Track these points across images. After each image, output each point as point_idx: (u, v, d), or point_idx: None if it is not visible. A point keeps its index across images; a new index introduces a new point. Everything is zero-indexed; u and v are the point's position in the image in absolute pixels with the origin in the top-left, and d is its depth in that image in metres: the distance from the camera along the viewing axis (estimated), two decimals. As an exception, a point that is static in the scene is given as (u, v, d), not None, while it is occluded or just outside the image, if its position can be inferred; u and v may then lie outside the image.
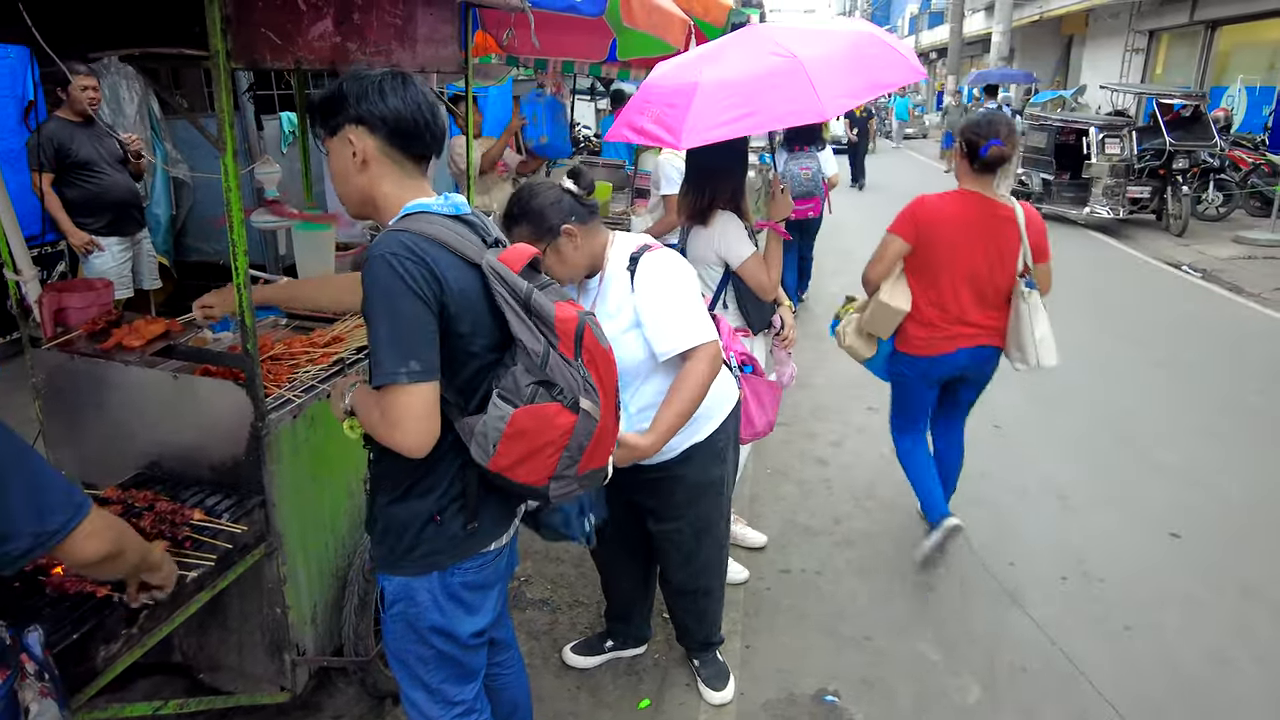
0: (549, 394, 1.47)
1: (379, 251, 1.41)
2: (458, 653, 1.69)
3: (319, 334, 2.57)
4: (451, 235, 1.47)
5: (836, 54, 2.45)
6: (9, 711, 1.21)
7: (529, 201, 2.03)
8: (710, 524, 2.37)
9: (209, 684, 2.32)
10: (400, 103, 1.48)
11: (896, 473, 4.16)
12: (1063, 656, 2.83)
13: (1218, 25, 14.90)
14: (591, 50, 5.17)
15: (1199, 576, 3.30)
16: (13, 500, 1.13)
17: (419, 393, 1.40)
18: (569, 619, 3.00)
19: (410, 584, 1.61)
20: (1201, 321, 7.04)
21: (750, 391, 2.54)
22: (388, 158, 1.51)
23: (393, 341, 1.38)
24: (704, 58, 2.61)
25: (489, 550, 1.66)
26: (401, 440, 1.42)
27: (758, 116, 2.35)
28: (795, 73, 2.35)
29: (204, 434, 2.12)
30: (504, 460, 1.47)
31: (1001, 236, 2.94)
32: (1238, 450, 4.42)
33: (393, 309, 1.38)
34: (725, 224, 2.74)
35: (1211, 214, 11.05)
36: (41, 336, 2.33)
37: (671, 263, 2.10)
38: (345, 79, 1.50)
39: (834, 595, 3.18)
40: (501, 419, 1.45)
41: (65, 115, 4.31)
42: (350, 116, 1.48)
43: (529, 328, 1.47)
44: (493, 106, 9.12)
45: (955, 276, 2.98)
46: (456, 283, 1.44)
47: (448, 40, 2.71)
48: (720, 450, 2.29)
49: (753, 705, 2.61)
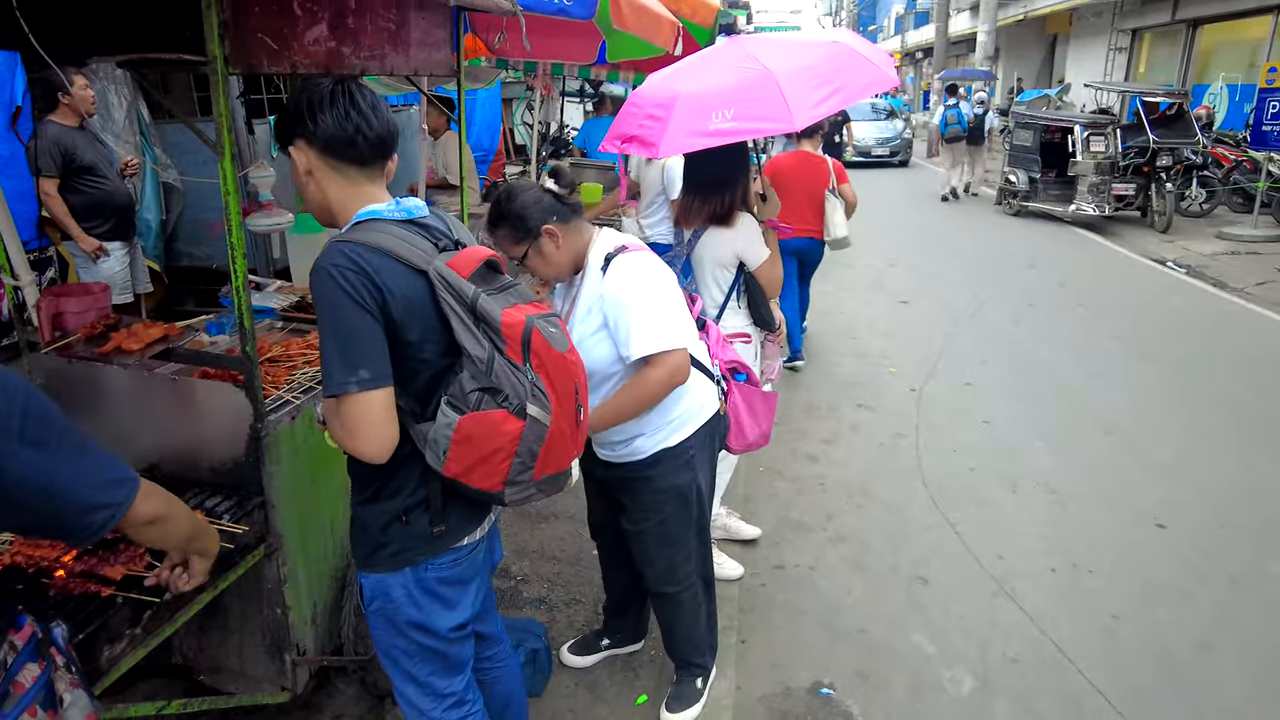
0: (494, 400, 1.47)
1: (322, 264, 1.42)
2: (440, 646, 1.70)
3: (316, 335, 2.58)
4: (396, 243, 1.46)
5: (808, 66, 2.55)
6: (49, 701, 1.26)
7: (509, 204, 2.04)
8: (674, 534, 2.30)
9: (209, 685, 2.33)
10: (329, 118, 1.49)
11: (889, 469, 4.23)
12: (1053, 647, 2.88)
13: (1199, 24, 15.08)
14: (581, 53, 5.20)
15: (1185, 567, 3.36)
16: (88, 479, 1.22)
17: (371, 400, 1.41)
18: (566, 617, 3.02)
19: (385, 580, 1.63)
20: (1186, 317, 7.13)
21: (742, 400, 2.50)
22: (329, 167, 1.53)
23: (340, 353, 1.40)
24: (683, 71, 2.72)
25: (462, 545, 1.67)
26: (361, 448, 1.45)
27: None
28: (767, 84, 2.46)
29: (203, 436, 2.14)
30: (456, 466, 1.49)
31: (818, 172, 5.10)
32: (1223, 443, 4.48)
33: (337, 320, 1.40)
34: (748, 226, 2.80)
35: (1195, 210, 11.19)
36: (39, 341, 2.34)
37: (645, 265, 2.08)
38: (296, 92, 1.53)
39: (828, 590, 3.22)
40: (449, 426, 1.46)
41: (63, 120, 4.28)
42: (294, 131, 1.52)
43: (472, 333, 1.47)
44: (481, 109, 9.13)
45: (796, 195, 4.81)
46: (400, 290, 1.44)
47: (440, 44, 2.74)
48: (689, 459, 2.23)
49: (749, 699, 2.64)
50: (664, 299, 2.07)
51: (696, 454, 2.25)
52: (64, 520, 1.21)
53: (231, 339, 2.54)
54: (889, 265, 8.96)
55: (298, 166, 1.54)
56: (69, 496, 1.19)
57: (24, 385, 1.19)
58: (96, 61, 2.21)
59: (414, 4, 2.53)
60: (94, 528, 1.23)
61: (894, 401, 5.15)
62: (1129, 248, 10.01)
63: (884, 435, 4.65)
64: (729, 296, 2.89)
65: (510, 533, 3.47)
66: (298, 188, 1.60)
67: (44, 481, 1.17)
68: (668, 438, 2.20)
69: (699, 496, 2.29)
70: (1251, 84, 12.58)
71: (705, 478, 2.32)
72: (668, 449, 2.20)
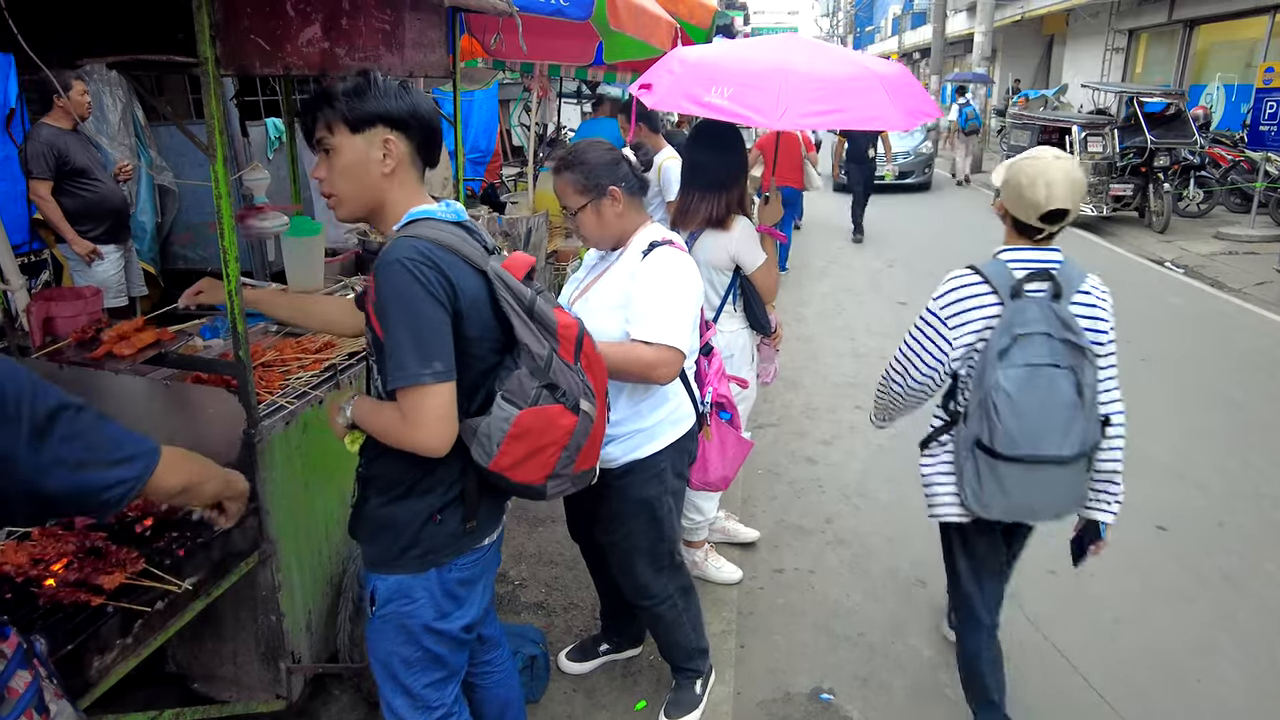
0: (552, 396, 1.53)
1: (395, 257, 1.43)
2: (446, 652, 1.69)
3: (310, 340, 2.56)
4: (459, 242, 1.50)
5: (826, 79, 2.58)
6: (43, 706, 1.26)
7: (586, 152, 2.06)
8: (643, 547, 2.26)
9: (203, 693, 2.31)
10: (428, 110, 1.51)
11: (887, 470, 4.20)
12: (1053, 649, 2.86)
13: (1195, 24, 15.08)
14: (578, 54, 5.19)
15: (1184, 568, 3.35)
16: (102, 456, 1.23)
17: (442, 393, 1.44)
18: (564, 622, 3.00)
19: (406, 582, 1.62)
20: (1185, 317, 7.12)
21: (717, 438, 2.46)
22: (414, 165, 1.55)
23: (416, 344, 1.42)
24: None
25: (484, 545, 1.69)
26: (424, 440, 1.46)
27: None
28: (773, 79, 2.51)
29: (196, 441, 2.09)
30: (505, 460, 1.52)
31: (796, 142, 7.22)
32: (1221, 444, 4.47)
33: (413, 313, 1.42)
34: (745, 229, 2.79)
35: (1193, 211, 11.18)
36: (29, 346, 2.32)
37: (683, 264, 2.09)
38: (375, 76, 1.51)
39: (827, 593, 3.20)
40: (506, 420, 1.50)
41: (56, 122, 4.26)
42: (387, 117, 1.49)
43: (533, 332, 1.53)
44: (478, 110, 9.11)
45: (784, 158, 6.80)
46: (467, 287, 1.48)
47: (435, 45, 2.72)
48: (659, 472, 2.19)
49: (749, 704, 2.63)
50: (687, 302, 2.07)
51: (667, 468, 2.21)
52: (81, 503, 1.23)
53: (226, 343, 2.51)
54: (886, 266, 8.96)
55: (370, 156, 1.49)
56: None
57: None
58: (87, 63, 2.18)
59: (408, 5, 2.51)
60: (111, 502, 1.24)
61: (892, 403, 5.13)
62: (1126, 248, 10.01)
63: (882, 437, 4.62)
64: (725, 299, 2.88)
65: (509, 536, 3.45)
66: (348, 175, 1.52)
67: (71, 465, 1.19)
68: (640, 446, 2.16)
69: (668, 511, 2.25)
70: (1248, 84, 12.59)
71: (675, 493, 2.28)
72: (638, 460, 2.17)
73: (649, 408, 2.16)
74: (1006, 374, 1.92)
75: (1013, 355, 1.93)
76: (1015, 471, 1.97)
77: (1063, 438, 1.94)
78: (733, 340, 2.93)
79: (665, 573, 2.34)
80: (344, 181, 1.54)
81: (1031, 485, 1.99)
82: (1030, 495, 2.01)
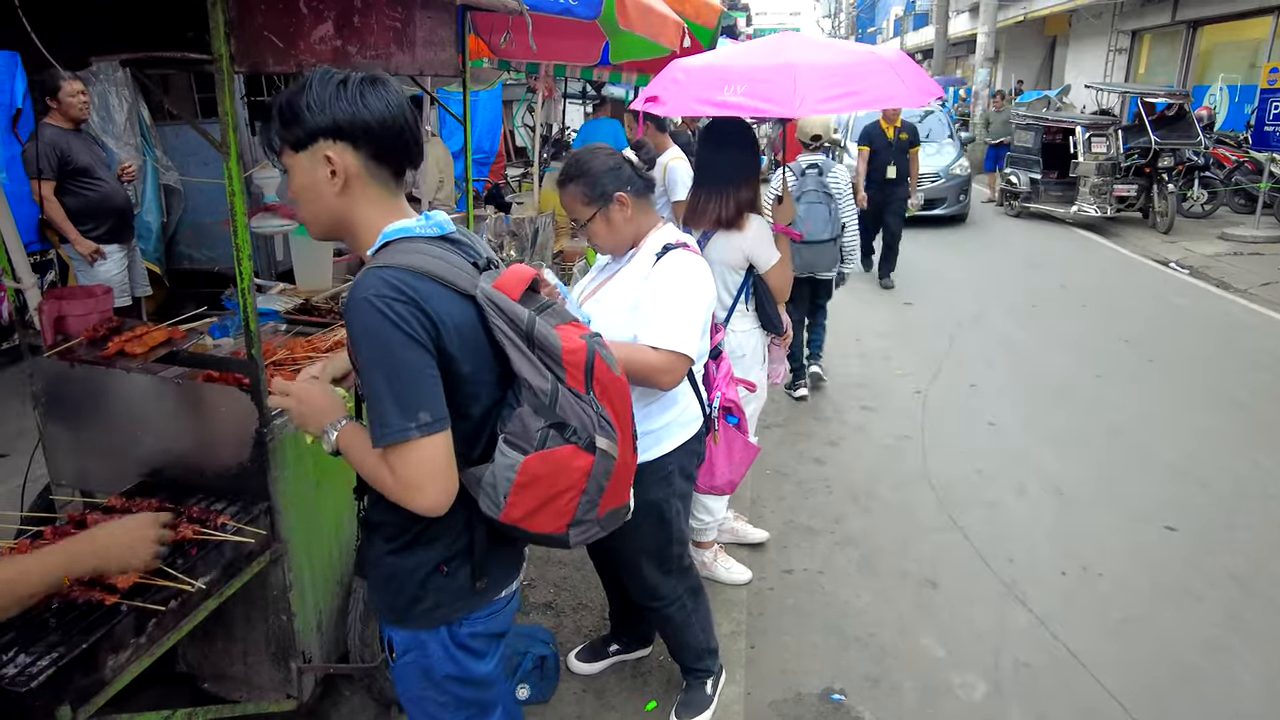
0: (561, 436, 1.33)
1: (362, 294, 1.24)
2: (476, 695, 1.56)
3: (320, 338, 2.56)
4: (440, 264, 1.29)
5: (835, 66, 2.64)
6: None
7: (588, 162, 2.02)
8: (650, 548, 2.25)
9: (214, 693, 2.31)
10: (385, 110, 1.28)
11: (895, 471, 4.20)
12: (1065, 650, 2.85)
13: (1199, 25, 15.07)
14: (584, 54, 5.18)
15: (1195, 569, 3.33)
16: None
17: (434, 445, 1.25)
18: (573, 622, 2.99)
19: (419, 637, 1.47)
20: (1191, 318, 7.11)
21: (724, 442, 2.45)
22: (372, 177, 1.32)
23: (395, 395, 1.23)
24: (724, 50, 2.98)
25: (500, 598, 1.53)
26: (420, 501, 1.28)
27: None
28: (785, 73, 2.56)
29: (208, 440, 2.11)
30: (517, 511, 1.34)
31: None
32: (1229, 444, 4.46)
33: (389, 359, 1.23)
34: (759, 228, 2.79)
35: (1197, 211, 11.17)
36: (41, 345, 2.31)
37: (697, 269, 2.07)
38: (312, 80, 1.28)
39: (837, 594, 3.19)
40: (511, 468, 1.31)
41: (58, 123, 4.26)
42: (326, 129, 1.27)
43: (533, 363, 1.32)
44: (482, 111, 9.11)
45: (791, 140, 6.29)
46: (451, 319, 1.28)
47: (445, 43, 2.71)
48: (667, 474, 2.17)
49: (760, 705, 2.62)
50: (698, 307, 2.05)
51: (675, 470, 2.20)
52: None
53: (235, 342, 2.51)
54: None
55: (318, 175, 1.30)
56: None
57: None
58: (99, 61, 2.18)
59: (419, 3, 2.51)
60: None
61: (899, 403, 5.13)
62: (1131, 249, 9.99)
63: (889, 437, 4.62)
64: (737, 298, 2.87)
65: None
66: (302, 197, 1.35)
67: None
68: (648, 449, 2.14)
69: (676, 513, 2.24)
70: (1251, 85, 12.59)
71: (683, 495, 2.27)
72: (646, 463, 2.14)
73: (657, 410, 2.14)
74: (800, 206, 4.36)
75: (803, 198, 4.46)
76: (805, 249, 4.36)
77: (825, 230, 4.45)
78: (744, 340, 2.92)
79: (674, 575, 2.33)
80: (302, 204, 1.36)
81: (814, 254, 4.50)
82: (815, 260, 4.54)
